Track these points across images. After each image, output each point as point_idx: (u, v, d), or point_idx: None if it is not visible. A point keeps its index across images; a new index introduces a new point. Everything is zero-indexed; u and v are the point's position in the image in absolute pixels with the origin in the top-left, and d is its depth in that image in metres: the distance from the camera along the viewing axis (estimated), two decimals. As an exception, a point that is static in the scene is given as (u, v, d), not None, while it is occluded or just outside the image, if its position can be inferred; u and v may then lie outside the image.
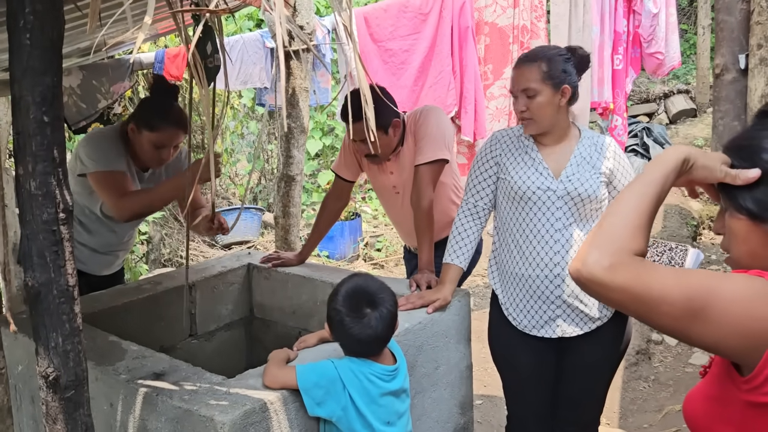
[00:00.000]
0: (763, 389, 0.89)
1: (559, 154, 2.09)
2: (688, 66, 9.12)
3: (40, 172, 1.16)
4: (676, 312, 0.90)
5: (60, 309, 1.19)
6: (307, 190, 7.19)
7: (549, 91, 2.00)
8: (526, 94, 2.02)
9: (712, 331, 0.90)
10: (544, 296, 2.07)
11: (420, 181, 2.43)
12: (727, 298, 0.90)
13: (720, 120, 1.88)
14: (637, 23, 4.27)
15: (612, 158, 2.08)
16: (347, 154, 2.69)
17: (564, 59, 2.03)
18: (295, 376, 1.60)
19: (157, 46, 5.24)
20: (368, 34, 4.01)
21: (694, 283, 0.91)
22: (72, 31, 2.39)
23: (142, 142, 2.46)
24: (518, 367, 2.21)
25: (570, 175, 2.05)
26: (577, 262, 0.96)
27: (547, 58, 2.02)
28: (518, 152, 2.13)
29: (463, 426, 2.31)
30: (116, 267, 2.86)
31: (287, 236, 3.59)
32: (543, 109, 2.02)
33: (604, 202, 2.08)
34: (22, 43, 1.13)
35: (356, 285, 1.67)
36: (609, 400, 2.30)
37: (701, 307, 0.90)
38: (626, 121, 4.42)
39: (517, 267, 2.11)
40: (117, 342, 1.96)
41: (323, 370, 1.61)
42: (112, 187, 2.38)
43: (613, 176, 2.09)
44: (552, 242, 2.05)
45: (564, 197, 2.04)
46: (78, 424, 1.22)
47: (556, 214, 2.05)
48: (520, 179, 2.08)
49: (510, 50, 4.23)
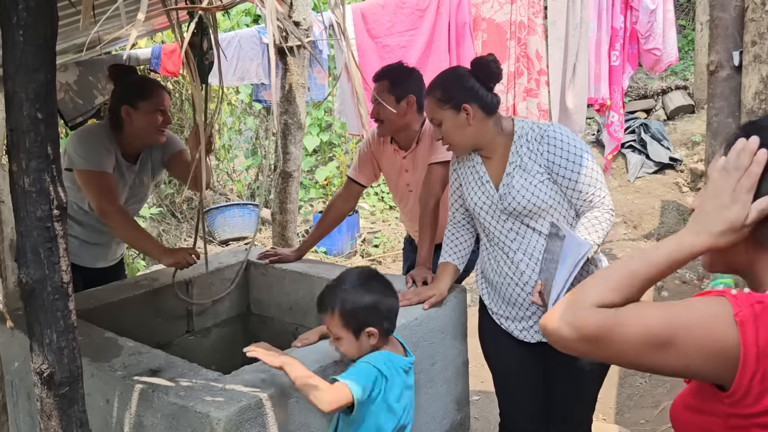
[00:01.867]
0: (745, 401, 0.90)
1: (497, 164, 2.07)
2: (686, 62, 9.11)
3: (33, 168, 1.16)
4: (642, 350, 0.93)
5: (54, 305, 1.20)
6: (305, 187, 7.18)
7: (449, 115, 2.00)
8: (434, 124, 2.06)
9: (681, 360, 0.93)
10: (519, 302, 2.08)
11: (430, 179, 2.46)
12: (688, 327, 0.92)
13: (714, 117, 1.88)
14: (634, 19, 4.26)
15: (547, 151, 1.96)
16: (364, 160, 2.75)
17: (458, 77, 2.02)
18: (349, 393, 1.53)
19: (153, 41, 5.23)
20: (365, 30, 4.00)
21: (655, 322, 0.93)
22: (67, 27, 2.39)
23: (141, 117, 2.51)
24: (506, 368, 2.22)
25: (506, 184, 2.02)
26: (545, 318, 0.99)
27: (439, 86, 2.03)
28: (469, 169, 2.14)
29: (460, 422, 2.32)
30: (112, 260, 2.87)
31: (284, 232, 3.59)
32: (453, 133, 2.03)
33: (554, 199, 1.98)
34: (16, 40, 1.13)
35: (356, 273, 1.69)
36: (605, 396, 2.30)
37: (666, 342, 0.92)
38: (623, 117, 4.42)
39: (493, 275, 2.14)
40: (113, 338, 1.97)
41: (367, 373, 1.58)
42: (98, 188, 2.45)
43: (554, 166, 1.96)
44: (511, 252, 2.05)
45: (507, 209, 2.02)
46: (73, 421, 1.22)
47: (506, 226, 2.05)
48: (469, 196, 2.12)
49: (507, 46, 4.23)
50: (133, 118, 2.52)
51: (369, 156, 2.74)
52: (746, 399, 0.90)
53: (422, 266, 2.38)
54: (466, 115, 2.00)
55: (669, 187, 6.97)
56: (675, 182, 7.07)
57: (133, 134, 2.57)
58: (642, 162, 7.24)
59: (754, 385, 0.89)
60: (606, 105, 4.29)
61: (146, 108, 2.50)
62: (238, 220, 6.52)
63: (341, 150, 7.49)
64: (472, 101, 1.99)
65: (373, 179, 2.83)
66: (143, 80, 2.63)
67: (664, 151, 7.32)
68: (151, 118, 2.52)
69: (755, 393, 0.89)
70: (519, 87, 4.30)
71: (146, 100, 2.50)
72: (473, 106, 1.99)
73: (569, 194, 1.99)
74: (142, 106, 2.50)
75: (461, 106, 1.99)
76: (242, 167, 7.66)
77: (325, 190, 7.22)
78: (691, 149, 7.59)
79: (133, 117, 2.52)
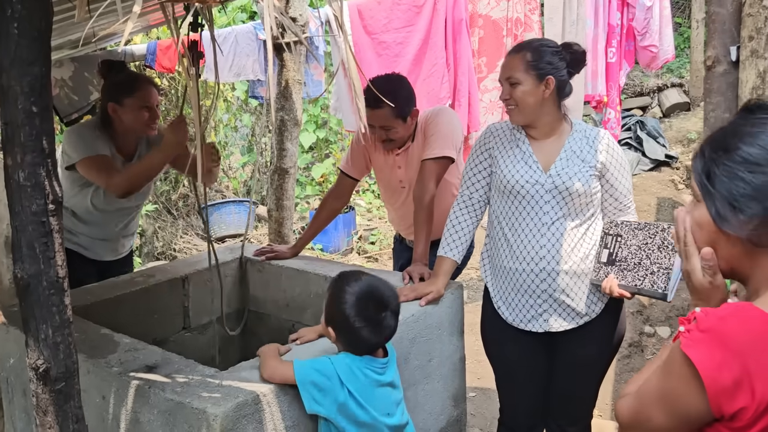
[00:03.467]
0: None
1: (550, 147, 2.09)
2: (681, 59, 9.12)
3: (28, 163, 1.15)
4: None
5: (50, 301, 1.19)
6: (301, 183, 7.17)
7: (531, 81, 2.00)
8: (509, 82, 2.04)
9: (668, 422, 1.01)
10: (531, 290, 2.08)
11: (424, 176, 2.45)
12: (656, 392, 1.03)
13: (711, 112, 1.88)
14: (631, 16, 4.27)
15: (605, 151, 2.07)
16: (356, 153, 2.73)
17: (552, 52, 2.03)
18: (293, 371, 1.59)
19: (149, 37, 5.21)
20: (362, 26, 3.99)
21: (645, 400, 1.04)
22: (63, 23, 2.37)
23: (127, 113, 2.50)
24: (508, 361, 2.22)
25: (559, 169, 2.05)
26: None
27: (532, 49, 2.02)
28: (510, 145, 2.13)
29: (457, 418, 2.32)
30: (123, 252, 2.93)
31: (281, 229, 3.58)
32: (524, 99, 2.02)
33: (595, 196, 2.07)
34: (10, 32, 1.12)
35: (365, 289, 1.66)
36: (601, 393, 2.30)
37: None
38: (620, 114, 4.43)
39: (506, 261, 2.12)
40: (109, 334, 1.96)
41: (320, 367, 1.61)
42: (101, 168, 2.44)
43: (606, 170, 2.08)
44: (539, 236, 2.05)
45: (552, 191, 2.03)
46: (68, 416, 1.22)
47: (544, 208, 2.05)
48: (509, 172, 2.08)
49: (504, 43, 4.22)
50: (120, 115, 2.52)
51: (362, 149, 2.72)
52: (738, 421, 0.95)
53: (419, 262, 2.37)
54: (545, 88, 2.01)
55: (665, 184, 6.98)
56: (671, 179, 7.08)
57: (123, 131, 2.57)
58: (638, 159, 7.24)
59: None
60: (603, 102, 4.30)
61: (132, 104, 2.49)
62: (234, 217, 6.50)
63: (337, 147, 7.48)
64: (555, 77, 2.01)
65: (366, 172, 2.82)
66: (129, 76, 2.61)
67: (660, 148, 7.33)
68: (137, 114, 2.51)
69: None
70: (516, 84, 4.29)
71: (131, 96, 2.49)
72: (552, 82, 2.01)
73: (606, 197, 2.10)
74: (127, 102, 2.49)
75: (545, 77, 2.00)
76: (238, 164, 7.63)
77: (321, 187, 7.21)
78: (687, 146, 7.61)
79: (120, 114, 2.52)
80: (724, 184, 0.98)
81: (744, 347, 0.91)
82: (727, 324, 0.93)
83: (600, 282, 1.99)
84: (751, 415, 0.91)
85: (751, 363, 0.90)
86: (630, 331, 3.94)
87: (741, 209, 0.96)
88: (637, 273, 1.88)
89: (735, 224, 0.97)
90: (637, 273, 1.88)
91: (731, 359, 0.91)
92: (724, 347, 0.91)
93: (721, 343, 0.92)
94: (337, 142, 7.56)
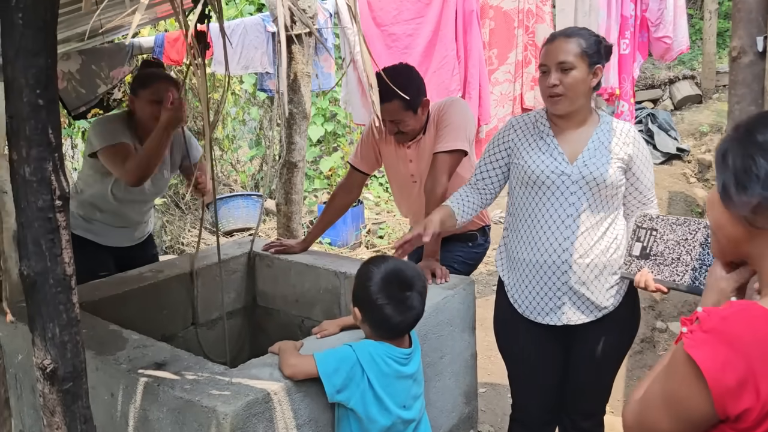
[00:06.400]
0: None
1: (576, 138, 2.05)
2: (693, 51, 9.01)
3: (34, 157, 1.12)
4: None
5: (57, 299, 1.16)
6: (309, 177, 7.14)
7: (584, 68, 1.96)
8: (561, 67, 1.96)
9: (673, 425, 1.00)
10: (551, 282, 2.04)
11: (436, 169, 2.41)
12: (662, 395, 1.02)
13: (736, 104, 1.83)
14: (644, 7, 4.20)
15: (631, 144, 2.04)
16: (366, 147, 2.70)
17: (597, 41, 2.00)
18: (314, 364, 1.58)
19: (156, 30, 5.18)
20: (371, 18, 3.95)
21: (649, 404, 1.03)
22: (70, 15, 2.35)
23: (143, 105, 2.58)
24: (523, 356, 2.19)
25: (586, 159, 2.01)
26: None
27: (584, 36, 1.99)
28: (533, 137, 2.09)
29: (468, 415, 2.29)
30: (141, 237, 2.96)
31: (289, 223, 3.55)
32: (576, 86, 1.96)
33: (620, 188, 2.04)
34: (15, 22, 1.09)
35: (391, 268, 1.66)
36: (613, 389, 2.28)
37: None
38: (633, 106, 4.36)
39: (526, 252, 2.08)
40: (118, 331, 1.94)
41: (343, 355, 1.60)
42: (118, 156, 2.50)
43: (632, 162, 2.04)
44: (563, 228, 2.01)
45: (579, 182, 1.99)
46: (76, 417, 1.19)
47: (569, 200, 2.01)
48: (534, 163, 2.04)
49: (515, 35, 4.17)
50: (136, 106, 2.62)
51: (372, 143, 2.69)
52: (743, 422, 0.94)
53: (430, 258, 2.34)
54: (592, 77, 1.98)
55: (676, 177, 6.91)
56: (682, 173, 7.01)
57: (141, 124, 2.63)
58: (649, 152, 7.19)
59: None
60: (615, 94, 4.24)
61: (144, 96, 2.58)
62: (242, 211, 6.48)
63: (346, 140, 7.44)
64: (602, 67, 2.00)
65: (376, 166, 2.78)
66: (149, 71, 2.69)
67: (672, 141, 7.26)
68: (148, 107, 2.57)
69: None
70: (527, 76, 4.25)
71: (145, 89, 2.58)
72: (601, 72, 1.99)
73: (630, 190, 2.07)
74: (141, 94, 2.59)
75: (595, 66, 1.97)
76: (246, 158, 7.61)
77: (329, 180, 7.18)
78: (699, 139, 7.52)
79: (136, 105, 2.62)
80: (737, 160, 1.01)
81: (748, 347, 0.90)
82: (730, 323, 0.92)
83: (631, 276, 1.94)
84: (756, 415, 0.90)
85: (756, 363, 0.89)
86: (642, 326, 3.88)
87: (745, 187, 0.99)
88: (675, 268, 1.83)
89: (737, 202, 1.00)
90: (675, 268, 1.83)
91: (735, 359, 0.90)
92: (727, 347, 0.91)
93: (725, 343, 0.91)
94: (346, 135, 7.52)
